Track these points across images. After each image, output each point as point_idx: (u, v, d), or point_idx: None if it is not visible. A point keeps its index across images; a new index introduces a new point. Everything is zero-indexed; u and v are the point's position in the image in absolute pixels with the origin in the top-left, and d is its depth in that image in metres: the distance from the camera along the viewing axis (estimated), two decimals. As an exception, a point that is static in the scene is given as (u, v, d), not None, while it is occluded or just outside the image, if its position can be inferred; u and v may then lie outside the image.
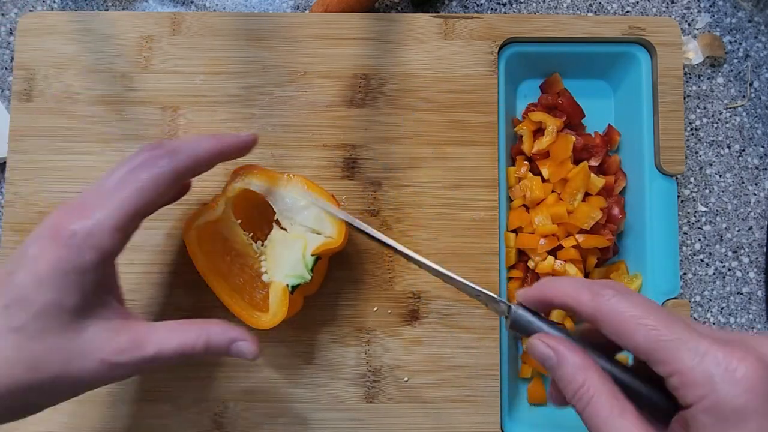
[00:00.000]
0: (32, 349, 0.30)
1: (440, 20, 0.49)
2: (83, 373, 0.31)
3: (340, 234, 0.41)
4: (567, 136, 0.48)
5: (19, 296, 0.30)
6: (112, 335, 0.31)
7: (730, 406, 0.22)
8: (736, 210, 0.53)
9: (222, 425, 0.45)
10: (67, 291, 0.30)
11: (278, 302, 0.40)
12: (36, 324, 0.30)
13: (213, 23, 0.48)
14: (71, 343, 0.30)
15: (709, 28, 0.55)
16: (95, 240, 0.31)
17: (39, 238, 0.31)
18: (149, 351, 0.32)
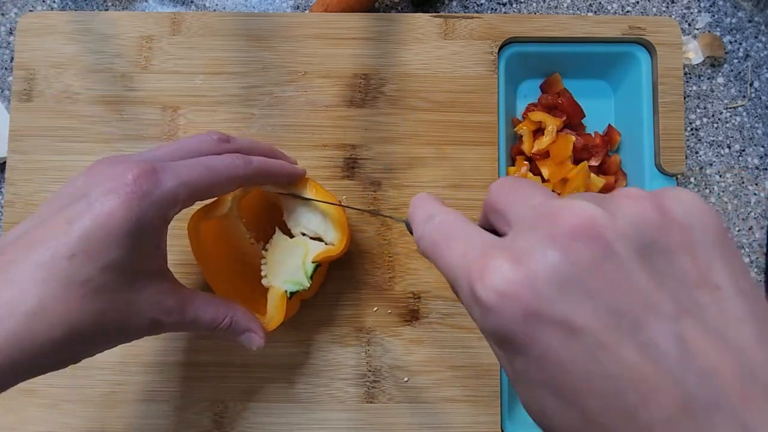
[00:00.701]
0: (96, 303, 0.30)
1: (440, 20, 0.49)
2: (135, 329, 0.32)
3: (341, 241, 0.40)
4: (567, 136, 0.48)
5: (87, 249, 0.29)
6: (163, 298, 0.33)
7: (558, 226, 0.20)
8: (736, 210, 0.53)
9: (222, 425, 0.45)
10: (133, 251, 0.31)
11: (276, 307, 0.40)
12: (102, 278, 0.30)
13: (213, 23, 0.48)
14: (130, 300, 0.31)
15: (709, 28, 0.55)
16: (164, 208, 0.32)
17: (109, 192, 0.30)
18: (189, 316, 0.34)
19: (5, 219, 0.47)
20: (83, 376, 0.45)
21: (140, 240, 0.31)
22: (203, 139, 0.37)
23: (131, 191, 0.30)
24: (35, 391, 0.45)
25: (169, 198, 0.32)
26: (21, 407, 0.45)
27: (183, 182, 0.32)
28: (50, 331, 0.29)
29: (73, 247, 0.29)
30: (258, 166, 0.37)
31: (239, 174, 0.35)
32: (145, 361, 0.45)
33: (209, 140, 0.37)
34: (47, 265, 0.29)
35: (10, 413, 0.45)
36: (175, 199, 0.32)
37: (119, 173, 0.31)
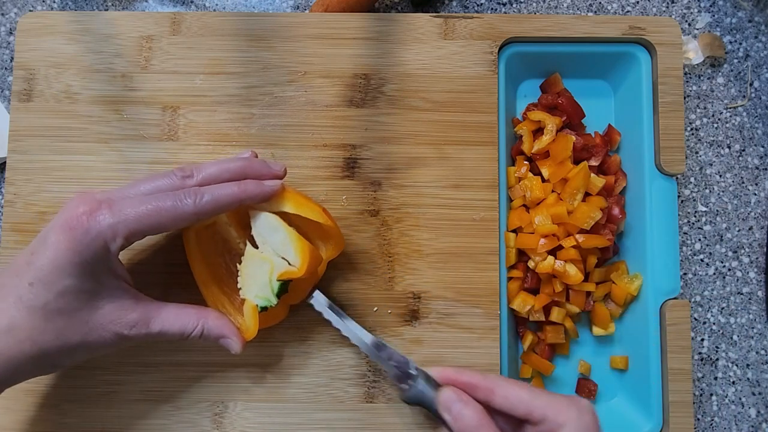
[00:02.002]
0: (57, 322, 0.35)
1: (440, 20, 0.49)
2: (100, 342, 0.37)
3: (302, 265, 0.39)
4: (567, 135, 0.48)
5: (42, 278, 0.35)
6: (124, 312, 0.37)
7: None
8: (736, 210, 0.53)
9: (222, 425, 0.45)
10: (83, 277, 0.35)
11: (250, 318, 0.40)
12: (58, 302, 0.35)
13: (213, 23, 0.48)
14: (89, 318, 0.36)
15: (709, 28, 0.55)
16: (106, 242, 0.35)
17: (58, 227, 0.35)
18: (154, 328, 0.38)
19: (5, 219, 0.47)
20: (83, 376, 0.45)
21: (88, 268, 0.35)
22: (166, 177, 0.39)
23: (75, 226, 0.35)
24: (35, 391, 0.45)
25: (107, 234, 0.35)
26: (21, 407, 0.45)
27: (123, 220, 0.35)
28: (20, 346, 0.35)
29: (31, 276, 0.35)
30: (212, 199, 0.37)
31: (187, 211, 0.37)
32: (145, 361, 0.45)
33: (171, 178, 0.39)
34: (14, 291, 0.35)
35: (10, 413, 0.45)
36: (113, 234, 0.35)
37: (72, 210, 0.35)
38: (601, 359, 0.49)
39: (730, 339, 0.52)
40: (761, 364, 0.51)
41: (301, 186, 0.47)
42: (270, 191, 0.40)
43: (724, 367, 0.51)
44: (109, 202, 0.36)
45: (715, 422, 0.51)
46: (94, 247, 0.35)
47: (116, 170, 0.47)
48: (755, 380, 0.51)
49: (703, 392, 0.51)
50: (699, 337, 0.52)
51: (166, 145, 0.47)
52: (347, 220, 0.47)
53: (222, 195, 0.38)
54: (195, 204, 0.37)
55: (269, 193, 0.40)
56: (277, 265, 0.40)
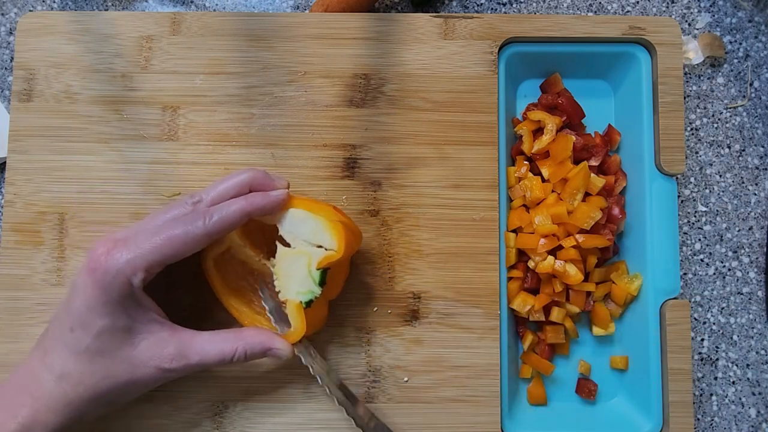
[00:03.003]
0: (101, 363, 0.37)
1: (440, 20, 0.49)
2: (145, 378, 0.38)
3: (340, 245, 0.40)
4: (567, 135, 0.48)
5: (80, 322, 0.37)
6: (161, 346, 0.38)
7: None
8: (736, 210, 0.53)
9: (222, 425, 0.45)
10: (114, 315, 0.37)
11: (296, 318, 0.40)
12: (97, 344, 0.37)
13: (213, 23, 0.48)
14: (130, 356, 0.37)
15: (709, 28, 0.55)
16: (127, 277, 0.36)
17: (83, 272, 0.37)
18: (193, 360, 0.39)
19: (5, 219, 0.47)
20: (83, 376, 0.45)
21: (117, 306, 0.37)
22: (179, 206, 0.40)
23: (96, 268, 0.36)
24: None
25: (127, 270, 0.36)
26: (21, 407, 0.45)
27: (139, 254, 0.37)
28: (76, 390, 0.37)
29: (71, 322, 0.37)
30: (220, 218, 0.38)
31: (198, 233, 0.38)
32: (145, 361, 0.45)
33: (183, 206, 0.39)
34: (61, 339, 0.37)
35: (10, 413, 0.45)
36: (133, 269, 0.37)
37: (92, 252, 0.37)
38: (601, 359, 0.49)
39: (730, 339, 0.52)
40: (761, 364, 0.51)
41: (301, 186, 0.47)
42: (277, 201, 0.40)
43: (724, 367, 0.51)
44: (125, 239, 0.37)
45: (715, 422, 0.51)
46: (118, 285, 0.36)
47: (116, 170, 0.47)
48: (755, 380, 0.51)
49: (703, 392, 0.51)
50: (699, 337, 0.52)
51: (166, 145, 0.47)
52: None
53: (230, 212, 0.38)
54: (205, 225, 0.38)
55: (276, 202, 0.40)
56: (314, 253, 0.40)
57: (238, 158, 0.47)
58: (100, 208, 0.47)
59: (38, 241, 0.46)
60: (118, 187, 0.47)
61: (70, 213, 0.47)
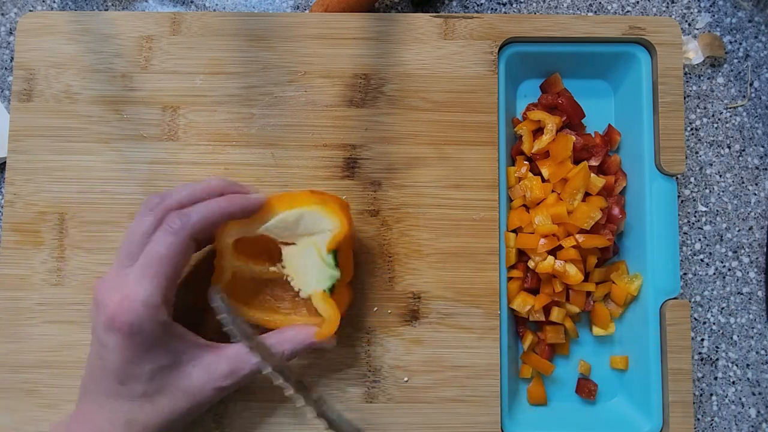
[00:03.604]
0: (163, 401, 0.37)
1: (440, 20, 0.49)
2: (207, 401, 0.38)
3: (342, 221, 0.40)
4: (567, 135, 0.48)
5: (126, 374, 0.36)
6: (213, 369, 0.38)
7: None
8: (736, 210, 0.53)
9: (222, 425, 0.45)
10: (159, 357, 0.37)
11: (326, 309, 0.40)
12: (153, 385, 0.37)
13: (213, 23, 0.48)
14: (187, 386, 0.38)
15: (709, 28, 0.55)
16: (152, 320, 0.36)
17: (107, 332, 0.36)
18: (247, 370, 0.39)
19: (5, 219, 0.47)
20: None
21: (157, 347, 0.37)
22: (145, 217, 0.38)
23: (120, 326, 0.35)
24: (36, 391, 0.45)
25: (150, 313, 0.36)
26: (21, 407, 0.45)
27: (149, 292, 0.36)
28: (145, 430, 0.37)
29: (118, 379, 0.36)
30: (201, 216, 0.38)
31: (183, 238, 0.37)
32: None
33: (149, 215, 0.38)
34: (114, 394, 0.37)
35: (10, 413, 0.45)
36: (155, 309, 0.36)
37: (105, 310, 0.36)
38: (601, 359, 0.49)
39: (730, 339, 0.52)
40: (761, 364, 0.51)
41: (301, 186, 0.47)
42: (257, 202, 0.40)
43: (724, 367, 0.51)
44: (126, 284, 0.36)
45: (715, 422, 0.51)
46: (149, 330, 0.36)
47: (116, 170, 0.47)
48: (755, 380, 0.51)
49: (703, 392, 0.51)
50: (699, 337, 0.52)
51: (166, 145, 0.47)
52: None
53: (209, 210, 0.38)
54: (185, 227, 0.37)
55: (256, 204, 0.40)
56: (320, 240, 0.40)
57: (238, 158, 0.47)
58: (100, 208, 0.47)
59: (38, 241, 0.46)
60: (118, 187, 0.47)
61: (70, 213, 0.47)
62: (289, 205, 0.41)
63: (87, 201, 0.47)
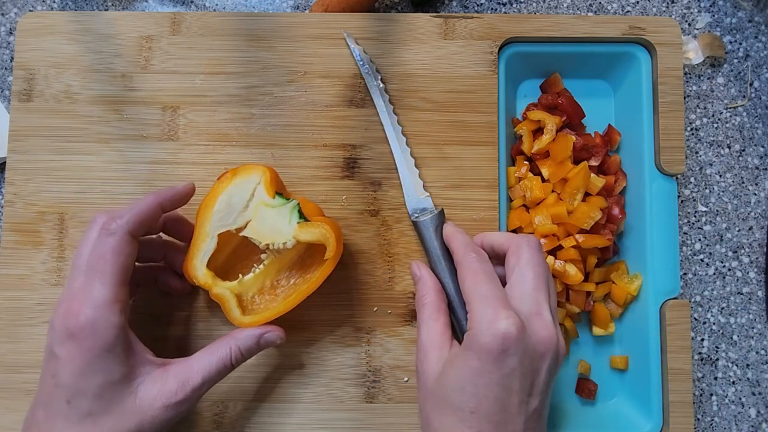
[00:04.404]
0: (107, 422, 0.36)
1: (440, 20, 0.49)
2: (156, 421, 0.37)
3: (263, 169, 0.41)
4: (567, 135, 0.48)
5: (74, 390, 0.35)
6: (162, 384, 0.37)
7: (479, 343, 0.35)
8: (736, 210, 0.53)
9: (222, 425, 0.45)
10: (108, 370, 0.36)
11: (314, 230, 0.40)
12: (99, 403, 0.35)
13: (213, 23, 0.48)
14: (135, 405, 0.36)
15: (709, 28, 0.55)
16: (104, 322, 0.35)
17: (59, 342, 0.36)
18: (197, 381, 0.38)
19: (5, 219, 0.47)
20: (83, 376, 0.45)
21: (109, 356, 0.36)
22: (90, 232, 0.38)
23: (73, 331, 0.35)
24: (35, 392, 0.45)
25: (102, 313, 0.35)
26: (21, 407, 0.45)
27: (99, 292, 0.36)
28: None
29: (65, 394, 0.35)
30: (133, 212, 0.38)
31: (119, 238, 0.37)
32: (145, 361, 0.45)
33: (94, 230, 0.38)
34: (58, 415, 0.35)
35: (10, 413, 0.45)
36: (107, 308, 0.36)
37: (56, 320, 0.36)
38: (601, 359, 0.49)
39: (730, 339, 0.52)
40: (761, 364, 0.51)
41: (301, 186, 0.47)
42: (183, 188, 0.41)
43: (724, 367, 0.51)
44: (74, 294, 0.36)
45: (715, 422, 0.51)
46: (101, 332, 0.35)
47: (116, 170, 0.47)
48: (755, 380, 0.51)
49: (703, 392, 0.51)
50: (699, 337, 0.52)
51: (166, 145, 0.47)
52: (347, 220, 0.47)
53: (140, 205, 0.39)
54: (120, 226, 0.37)
55: (182, 190, 0.41)
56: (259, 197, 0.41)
57: (238, 158, 0.47)
58: (100, 208, 0.47)
59: (38, 241, 0.46)
60: (118, 187, 0.47)
61: (70, 213, 0.47)
62: (213, 198, 0.41)
63: (87, 201, 0.47)
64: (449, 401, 0.35)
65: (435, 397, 0.36)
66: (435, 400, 0.36)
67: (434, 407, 0.36)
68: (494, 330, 0.34)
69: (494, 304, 0.36)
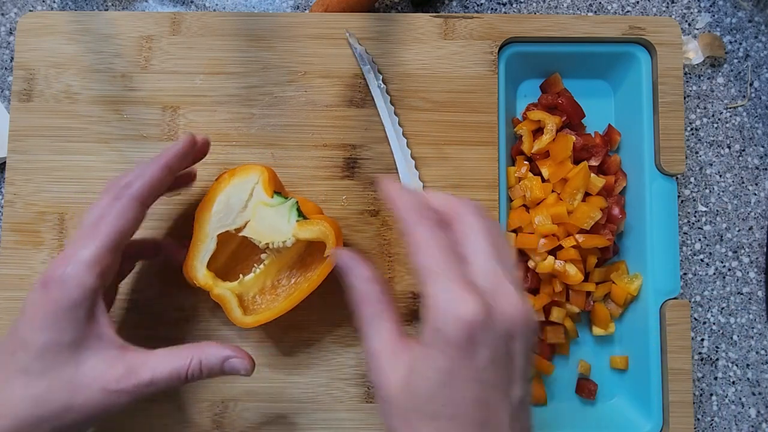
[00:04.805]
0: (37, 386, 0.33)
1: (440, 20, 0.49)
2: (88, 403, 0.34)
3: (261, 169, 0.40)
4: (567, 135, 0.48)
5: (21, 342, 0.34)
6: (110, 365, 0.34)
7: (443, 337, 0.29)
8: (736, 210, 0.53)
9: (222, 425, 0.45)
10: (61, 330, 0.33)
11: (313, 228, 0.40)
12: (38, 363, 0.33)
13: (213, 23, 0.48)
14: (73, 376, 0.34)
15: (709, 28, 0.55)
16: (77, 279, 0.34)
17: (32, 291, 0.34)
18: (144, 377, 0.35)
19: (5, 219, 0.47)
20: (83, 376, 0.45)
21: (66, 315, 0.33)
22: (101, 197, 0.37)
23: (44, 282, 0.34)
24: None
25: (80, 270, 0.34)
26: (21, 407, 0.45)
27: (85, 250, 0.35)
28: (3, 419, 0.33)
29: (13, 345, 0.34)
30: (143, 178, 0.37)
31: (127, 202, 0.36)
32: (145, 361, 0.45)
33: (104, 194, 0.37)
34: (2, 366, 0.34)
35: (10, 413, 0.45)
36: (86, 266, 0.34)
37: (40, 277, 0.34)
38: (601, 359, 0.49)
39: (730, 339, 0.52)
40: (761, 364, 0.51)
41: (301, 186, 0.47)
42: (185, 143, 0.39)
43: (724, 367, 0.51)
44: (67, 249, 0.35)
45: (715, 422, 0.51)
46: (67, 292, 0.34)
47: (116, 170, 0.47)
48: (755, 380, 0.51)
49: (703, 392, 0.51)
50: (699, 337, 0.52)
51: (166, 145, 0.47)
52: (347, 220, 0.47)
53: (146, 172, 0.37)
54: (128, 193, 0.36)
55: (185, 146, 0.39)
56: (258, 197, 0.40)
57: (238, 158, 0.47)
58: (100, 208, 0.47)
59: (38, 241, 0.46)
60: (118, 187, 0.47)
61: (70, 213, 0.47)
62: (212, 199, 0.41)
63: (87, 201, 0.47)
64: (423, 412, 0.30)
65: (403, 410, 0.31)
66: (404, 413, 0.31)
67: (405, 422, 0.31)
68: (457, 318, 0.29)
69: (453, 285, 0.30)
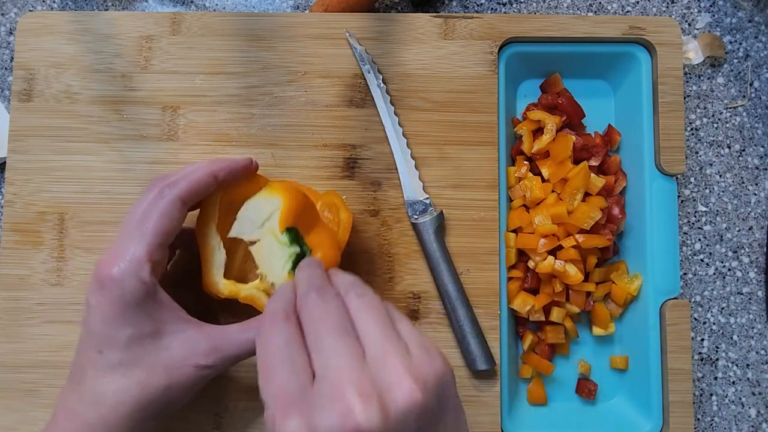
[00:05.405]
0: (137, 374, 0.36)
1: (440, 20, 0.49)
2: (184, 381, 0.36)
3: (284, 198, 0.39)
4: (567, 135, 0.48)
5: (105, 340, 0.36)
6: (194, 344, 0.37)
7: None
8: (736, 210, 0.53)
9: (222, 425, 0.45)
10: (139, 323, 0.36)
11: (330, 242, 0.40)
12: (130, 355, 0.36)
13: (213, 23, 0.48)
14: (167, 360, 0.36)
15: (709, 28, 0.55)
16: (136, 275, 0.35)
17: (92, 291, 0.36)
18: (230, 351, 0.37)
19: (5, 219, 0.47)
20: (83, 376, 0.45)
21: (138, 310, 0.36)
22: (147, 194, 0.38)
23: (103, 281, 0.35)
24: (36, 392, 0.45)
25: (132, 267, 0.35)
26: (22, 407, 0.45)
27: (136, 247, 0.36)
28: (115, 410, 0.35)
29: (96, 344, 0.36)
30: (190, 180, 0.37)
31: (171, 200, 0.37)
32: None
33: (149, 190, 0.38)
34: (90, 365, 0.36)
35: (11, 413, 0.45)
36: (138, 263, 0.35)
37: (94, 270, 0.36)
38: (601, 359, 0.49)
39: (730, 339, 0.52)
40: (761, 364, 0.51)
41: (301, 186, 0.47)
42: (242, 162, 0.40)
43: (724, 367, 0.51)
44: (116, 246, 0.37)
45: (715, 422, 0.51)
46: (130, 288, 0.35)
47: (116, 170, 0.47)
48: (755, 380, 0.51)
49: (703, 392, 0.51)
50: (699, 337, 0.52)
51: (166, 145, 0.47)
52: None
53: (195, 172, 0.38)
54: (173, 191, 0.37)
55: (240, 163, 0.40)
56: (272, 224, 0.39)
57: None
58: (100, 208, 0.47)
59: (38, 241, 0.46)
60: (118, 187, 0.47)
61: (70, 213, 0.47)
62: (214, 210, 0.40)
63: (87, 201, 0.47)
64: None
65: None
66: None
67: None
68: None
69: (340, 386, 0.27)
